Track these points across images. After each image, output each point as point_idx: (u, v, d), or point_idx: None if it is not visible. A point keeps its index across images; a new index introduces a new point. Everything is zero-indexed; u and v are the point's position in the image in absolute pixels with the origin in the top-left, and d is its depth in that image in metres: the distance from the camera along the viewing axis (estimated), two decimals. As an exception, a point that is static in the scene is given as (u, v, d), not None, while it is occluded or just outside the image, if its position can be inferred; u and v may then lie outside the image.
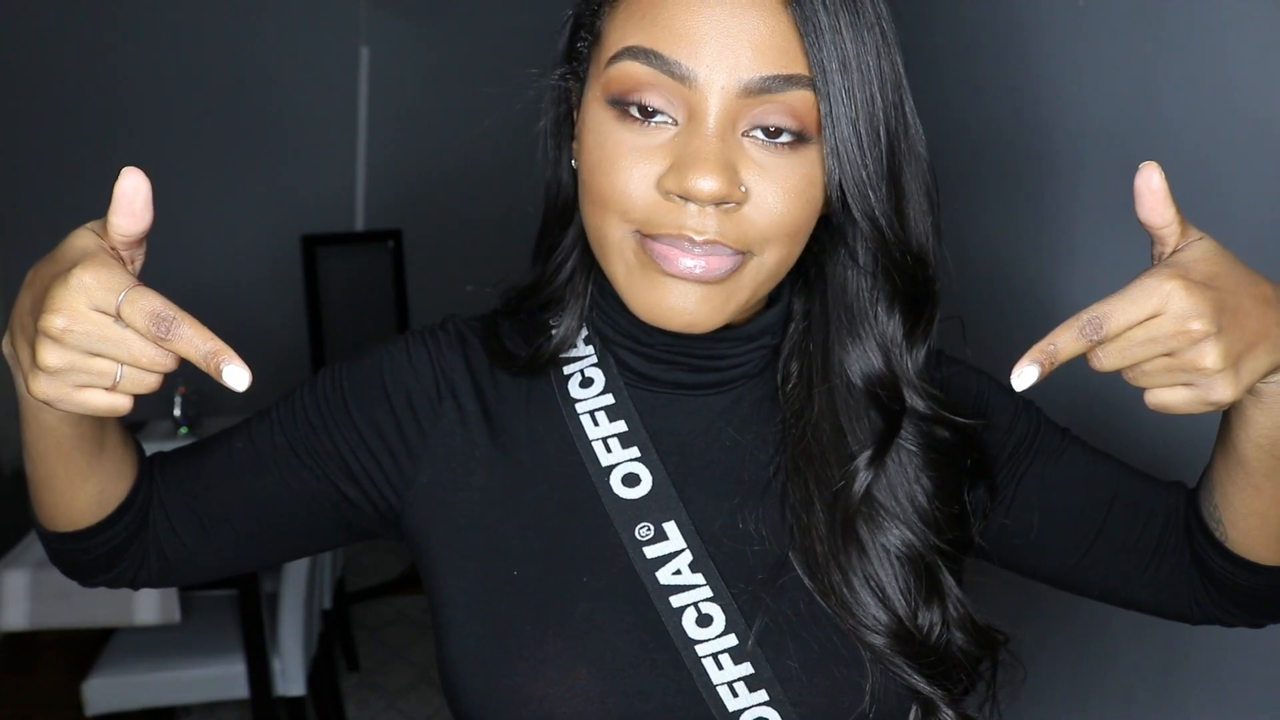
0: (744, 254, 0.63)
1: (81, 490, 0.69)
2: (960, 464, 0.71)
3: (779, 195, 0.62)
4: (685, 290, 0.62)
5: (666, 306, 0.63)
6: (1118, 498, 0.77)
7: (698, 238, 0.61)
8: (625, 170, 0.61)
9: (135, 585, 0.76)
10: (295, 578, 2.22)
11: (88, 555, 0.73)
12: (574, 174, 0.72)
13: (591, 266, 0.73)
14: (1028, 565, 0.80)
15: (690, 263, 0.61)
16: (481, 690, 0.68)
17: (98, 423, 0.65)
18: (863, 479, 0.69)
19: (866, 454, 0.69)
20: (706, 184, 0.59)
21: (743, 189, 0.61)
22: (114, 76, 3.52)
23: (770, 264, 0.64)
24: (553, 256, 0.74)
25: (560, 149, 0.72)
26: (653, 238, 0.62)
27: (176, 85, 3.57)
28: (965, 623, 0.70)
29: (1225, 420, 0.69)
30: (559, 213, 0.74)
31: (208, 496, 0.74)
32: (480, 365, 0.75)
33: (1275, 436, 0.65)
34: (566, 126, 0.71)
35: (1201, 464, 0.75)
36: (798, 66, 0.60)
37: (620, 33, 0.62)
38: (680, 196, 0.60)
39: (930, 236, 0.67)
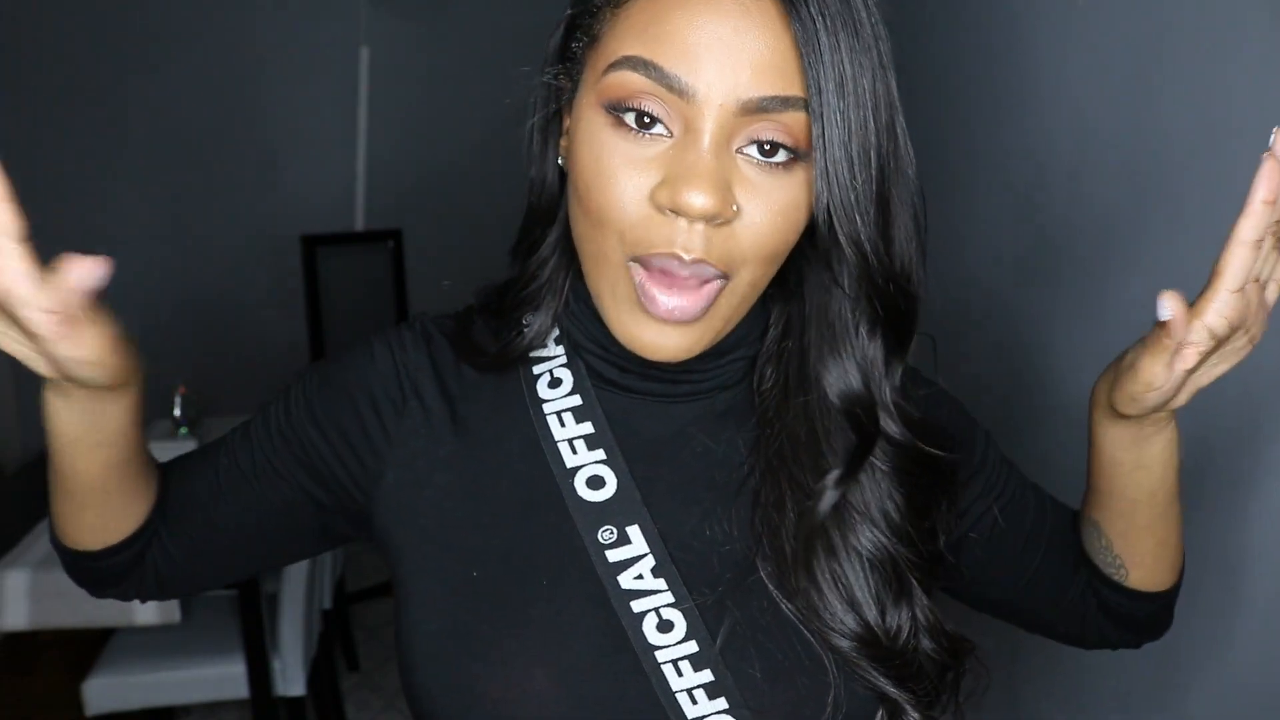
0: (724, 278, 0.63)
1: (83, 516, 0.72)
2: (931, 485, 0.71)
3: (766, 215, 0.62)
4: (664, 329, 0.63)
5: (646, 341, 0.64)
6: (1054, 531, 0.83)
7: (686, 256, 0.60)
8: (619, 183, 0.61)
9: (143, 599, 0.79)
10: (295, 578, 2.22)
11: (93, 573, 0.76)
12: (560, 173, 0.72)
13: (570, 268, 0.73)
14: (971, 593, 0.83)
15: (671, 304, 0.62)
16: (437, 690, 0.68)
17: (111, 458, 0.68)
18: (830, 498, 0.69)
19: (836, 473, 0.69)
20: (699, 200, 0.58)
21: (734, 207, 0.61)
22: (113, 76, 3.52)
23: (744, 287, 0.64)
24: (533, 256, 0.74)
25: (546, 146, 0.72)
26: (644, 262, 0.62)
27: (176, 85, 3.57)
28: (934, 631, 0.70)
29: (1100, 484, 0.76)
30: (542, 211, 0.73)
31: (197, 516, 0.76)
32: (446, 364, 0.75)
33: (1154, 487, 0.75)
34: (554, 124, 0.71)
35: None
36: (795, 88, 0.60)
37: (620, 41, 0.62)
38: (672, 211, 0.60)
39: (915, 259, 0.67)
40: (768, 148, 0.61)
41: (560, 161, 0.71)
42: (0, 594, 1.97)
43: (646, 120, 0.61)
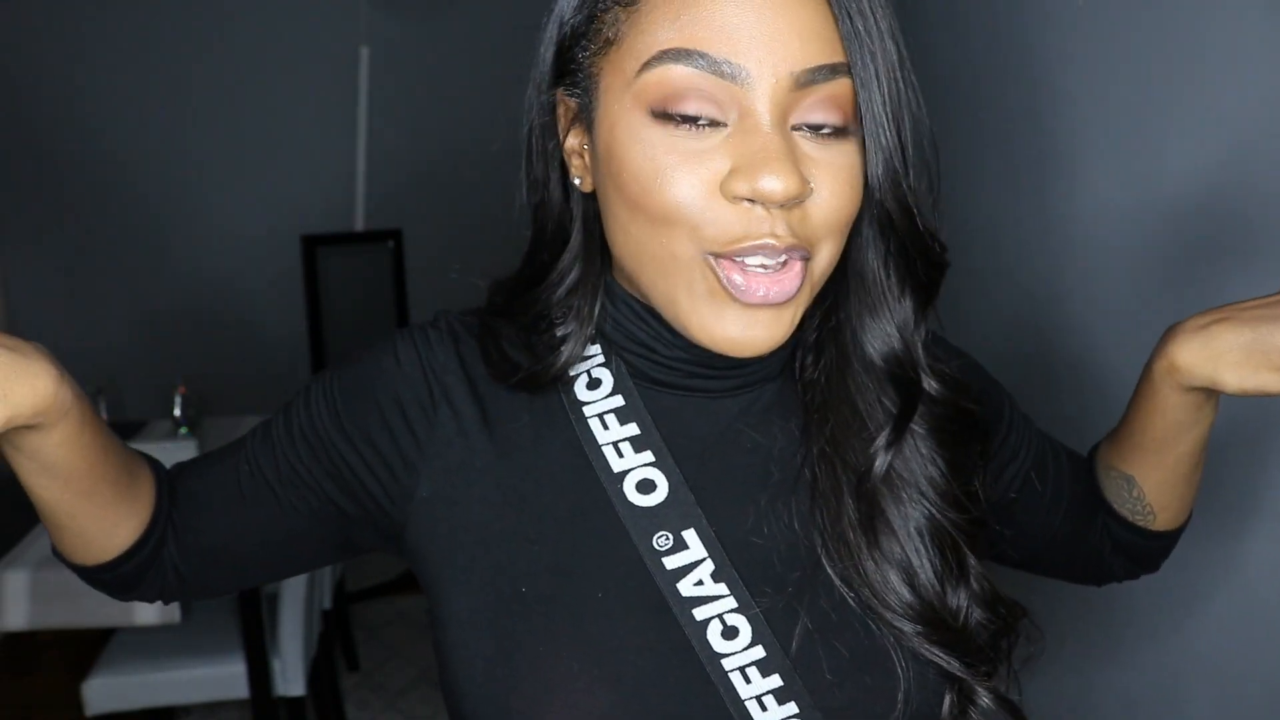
0: (808, 258, 0.61)
1: (62, 536, 0.72)
2: (970, 444, 0.71)
3: (833, 188, 0.60)
4: (755, 317, 0.60)
5: (737, 335, 0.61)
6: (1074, 482, 0.85)
7: (778, 243, 0.58)
8: (683, 180, 0.58)
9: (167, 601, 0.77)
10: (295, 578, 2.22)
11: (101, 584, 0.75)
12: (566, 195, 0.69)
13: (598, 289, 0.70)
14: (999, 551, 0.83)
15: (764, 291, 0.59)
16: (490, 715, 0.64)
17: (68, 488, 0.67)
18: (883, 460, 0.67)
19: (885, 434, 0.67)
20: (779, 184, 0.56)
21: (811, 185, 0.59)
22: (113, 76, 3.52)
23: (824, 265, 0.63)
24: (545, 280, 0.70)
25: (549, 169, 0.69)
26: (728, 257, 0.59)
27: (176, 85, 3.57)
28: (990, 600, 0.69)
29: (1180, 425, 0.77)
30: (550, 237, 0.70)
31: (217, 523, 0.74)
32: (476, 365, 0.71)
33: (1209, 426, 0.77)
34: (554, 144, 0.68)
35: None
36: (838, 55, 0.59)
37: (650, 36, 0.59)
38: (750, 200, 0.58)
39: (932, 215, 0.66)
40: (817, 123, 0.59)
41: (576, 181, 0.68)
42: (0, 594, 1.97)
43: (699, 114, 0.58)
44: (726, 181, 0.58)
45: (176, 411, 2.66)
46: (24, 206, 3.44)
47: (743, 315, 0.60)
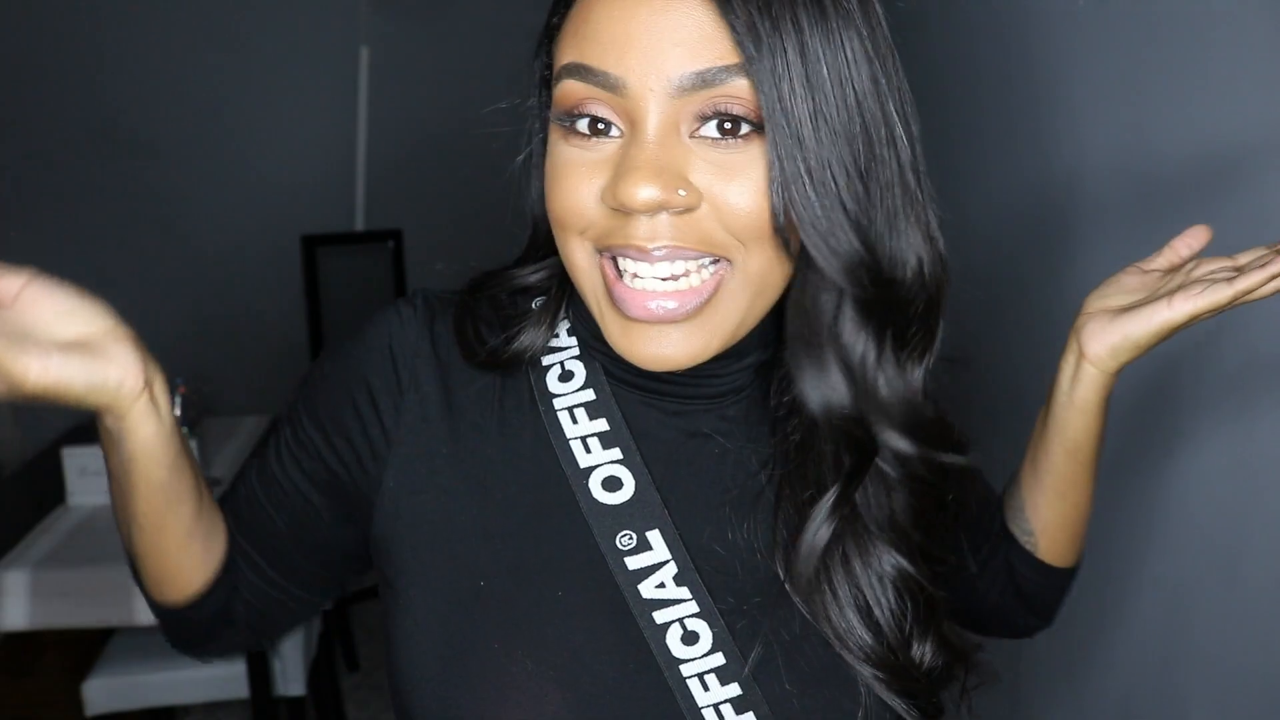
0: (717, 263, 0.59)
1: (187, 552, 0.69)
2: (941, 490, 0.68)
3: (742, 190, 0.57)
4: (664, 335, 0.59)
5: (643, 352, 0.60)
6: (997, 518, 0.85)
7: (650, 245, 0.57)
8: (574, 188, 0.59)
9: (239, 651, 0.78)
10: (295, 578, 2.22)
11: (186, 626, 0.73)
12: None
13: (568, 282, 0.69)
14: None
15: (654, 304, 0.58)
16: (439, 714, 0.63)
17: (184, 481, 0.65)
18: (824, 532, 0.64)
19: (831, 498, 0.64)
20: (638, 192, 0.55)
21: (681, 193, 0.56)
22: (113, 76, 3.52)
23: (755, 270, 0.59)
24: (528, 264, 0.72)
25: (531, 176, 0.70)
26: (612, 255, 0.60)
27: (176, 84, 3.57)
28: (942, 640, 0.68)
29: (1040, 434, 0.78)
30: (544, 240, 0.71)
31: (261, 546, 0.73)
32: (449, 347, 0.69)
33: (1079, 439, 0.76)
34: (540, 151, 0.69)
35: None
36: (729, 56, 0.55)
37: (561, 52, 0.60)
38: (621, 209, 0.57)
39: (915, 248, 0.61)
40: (729, 125, 0.57)
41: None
42: (0, 594, 1.96)
43: (596, 125, 0.59)
44: (603, 191, 0.59)
45: (177, 411, 2.65)
46: (24, 207, 3.44)
47: (648, 332, 0.59)
